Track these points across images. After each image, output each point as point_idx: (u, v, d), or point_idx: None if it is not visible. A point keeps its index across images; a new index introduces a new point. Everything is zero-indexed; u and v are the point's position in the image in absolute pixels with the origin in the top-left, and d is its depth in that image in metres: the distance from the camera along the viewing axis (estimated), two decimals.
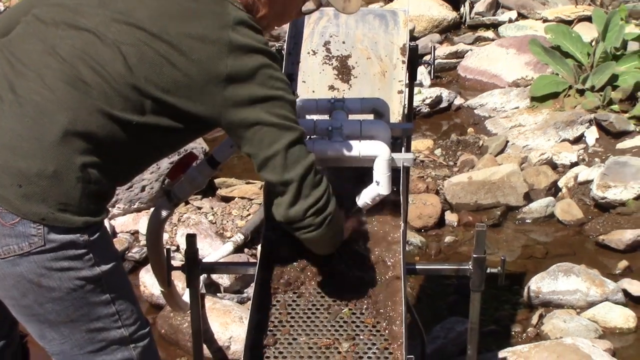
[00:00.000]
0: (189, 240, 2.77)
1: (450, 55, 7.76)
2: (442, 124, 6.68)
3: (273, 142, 2.24)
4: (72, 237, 2.16)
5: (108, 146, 2.19)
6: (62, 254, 2.16)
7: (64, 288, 2.19)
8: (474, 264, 2.72)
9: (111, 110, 2.17)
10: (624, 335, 4.09)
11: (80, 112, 2.14)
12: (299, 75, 3.18)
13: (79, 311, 2.23)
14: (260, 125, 2.23)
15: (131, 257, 4.68)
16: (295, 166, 2.26)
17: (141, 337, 2.39)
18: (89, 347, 2.30)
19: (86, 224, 2.18)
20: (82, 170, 2.14)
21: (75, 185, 2.14)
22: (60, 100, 2.14)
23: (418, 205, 5.07)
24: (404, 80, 3.18)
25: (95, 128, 2.15)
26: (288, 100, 2.27)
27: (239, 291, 4.30)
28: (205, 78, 2.19)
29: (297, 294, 2.55)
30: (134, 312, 2.36)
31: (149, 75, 2.18)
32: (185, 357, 3.97)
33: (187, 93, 2.20)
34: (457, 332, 3.94)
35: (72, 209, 2.15)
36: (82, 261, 2.19)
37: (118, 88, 2.17)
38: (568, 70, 6.57)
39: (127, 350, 2.35)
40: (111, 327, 2.30)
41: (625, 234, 4.79)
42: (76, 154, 2.14)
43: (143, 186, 4.91)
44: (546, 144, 5.88)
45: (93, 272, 2.21)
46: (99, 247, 2.23)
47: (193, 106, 2.22)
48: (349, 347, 2.38)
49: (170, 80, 2.19)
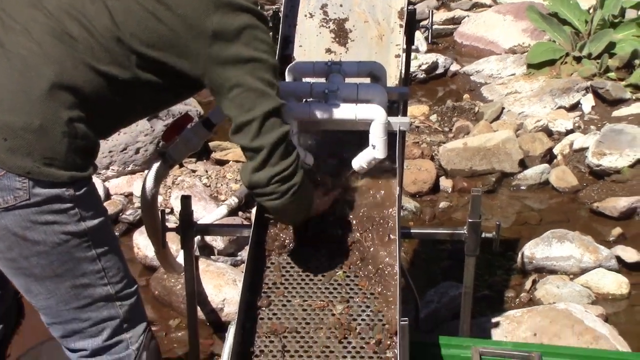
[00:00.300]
0: (183, 201, 2.77)
1: (447, 21, 7.73)
2: (437, 90, 6.67)
3: (251, 108, 2.23)
4: (58, 191, 2.17)
5: (94, 101, 2.19)
6: (47, 207, 2.16)
7: (49, 242, 2.20)
8: (469, 228, 2.72)
9: (97, 65, 2.17)
10: (617, 301, 4.10)
11: (66, 65, 2.14)
12: (296, 38, 3.17)
13: (64, 266, 2.24)
14: (241, 88, 2.22)
15: (125, 219, 4.68)
16: (268, 134, 2.25)
17: (127, 295, 2.40)
18: (74, 303, 2.31)
19: (72, 178, 2.18)
20: (68, 125, 2.14)
21: (61, 140, 2.14)
22: (47, 53, 2.14)
23: (413, 170, 5.06)
24: (401, 45, 3.16)
25: (81, 82, 2.16)
26: (271, 63, 2.27)
27: (232, 254, 4.31)
28: (190, 34, 2.18)
29: (292, 257, 2.55)
30: (120, 270, 2.36)
31: (135, 30, 2.17)
32: (179, 319, 3.98)
33: (172, 49, 2.20)
34: (450, 296, 3.95)
35: (58, 164, 2.15)
36: (68, 215, 2.20)
37: (104, 43, 2.17)
38: (565, 37, 6.55)
39: (114, 308, 2.36)
40: (97, 283, 2.31)
41: (620, 202, 4.79)
42: (63, 108, 2.14)
43: (137, 148, 4.90)
44: (542, 111, 5.87)
45: (79, 227, 2.22)
46: (85, 202, 2.23)
47: (178, 62, 2.22)
48: (342, 309, 2.38)
49: (155, 35, 2.18)
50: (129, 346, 2.43)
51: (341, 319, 2.35)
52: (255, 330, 2.34)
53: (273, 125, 2.25)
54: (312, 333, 2.33)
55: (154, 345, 2.52)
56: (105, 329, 2.37)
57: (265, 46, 2.25)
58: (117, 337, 2.40)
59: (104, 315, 2.36)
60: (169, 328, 3.95)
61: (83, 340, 2.38)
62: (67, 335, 2.38)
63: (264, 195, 2.33)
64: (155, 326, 3.95)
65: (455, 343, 2.84)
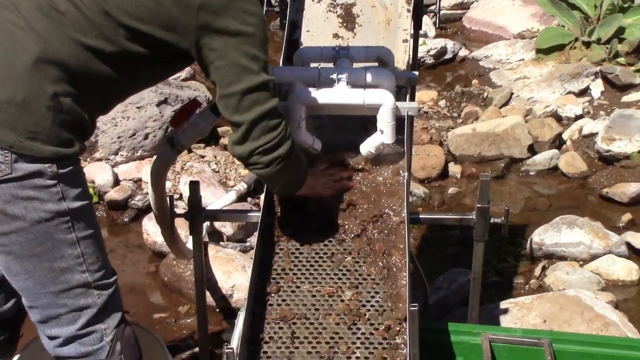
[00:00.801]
0: (192, 187, 2.77)
1: (456, 6, 7.69)
2: (446, 76, 6.64)
3: (232, 83, 2.24)
4: (40, 167, 2.16)
5: (82, 75, 2.19)
6: (28, 182, 2.16)
7: (29, 218, 2.19)
8: (478, 213, 2.72)
9: (84, 39, 2.17)
10: (627, 287, 4.09)
11: (52, 40, 2.14)
12: (303, 23, 3.16)
13: (43, 246, 2.24)
14: (224, 60, 2.22)
15: (134, 205, 4.68)
16: (247, 111, 2.26)
17: (106, 285, 2.38)
18: (51, 287, 2.30)
19: (56, 154, 2.18)
20: (53, 99, 2.14)
21: (46, 114, 2.14)
22: (33, 28, 2.14)
23: (422, 156, 5.05)
24: (408, 29, 3.15)
25: (67, 56, 2.15)
26: (258, 37, 2.25)
27: (241, 240, 4.31)
28: (177, 6, 2.18)
29: (300, 243, 2.54)
30: (99, 259, 2.35)
31: (122, 3, 2.17)
32: (188, 305, 3.98)
33: (159, 21, 2.19)
34: (459, 283, 3.95)
35: (42, 138, 2.15)
36: (49, 193, 2.19)
37: (91, 16, 2.16)
38: (574, 22, 6.51)
39: (91, 297, 2.35)
40: (75, 269, 2.30)
41: (629, 187, 4.78)
42: (48, 82, 2.14)
43: (146, 134, 4.90)
44: (551, 97, 5.85)
45: (60, 206, 2.22)
46: (69, 182, 2.22)
47: (165, 35, 2.21)
48: (351, 295, 2.38)
49: (142, 8, 2.18)
50: (104, 337, 2.41)
51: (350, 305, 2.35)
52: (265, 317, 2.34)
53: (255, 102, 2.26)
54: (321, 319, 2.33)
55: (129, 333, 2.49)
56: (80, 317, 2.36)
57: (254, 19, 2.23)
58: (92, 327, 2.39)
59: (80, 303, 2.34)
60: (179, 314, 3.96)
61: (58, 327, 2.37)
62: (44, 321, 2.37)
63: (248, 165, 2.37)
64: (165, 312, 3.96)
65: (464, 330, 2.83)
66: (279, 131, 2.32)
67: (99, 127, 4.74)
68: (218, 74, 2.25)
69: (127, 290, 4.06)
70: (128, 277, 4.24)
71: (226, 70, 2.23)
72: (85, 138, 2.31)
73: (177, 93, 5.04)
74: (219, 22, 2.19)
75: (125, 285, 4.05)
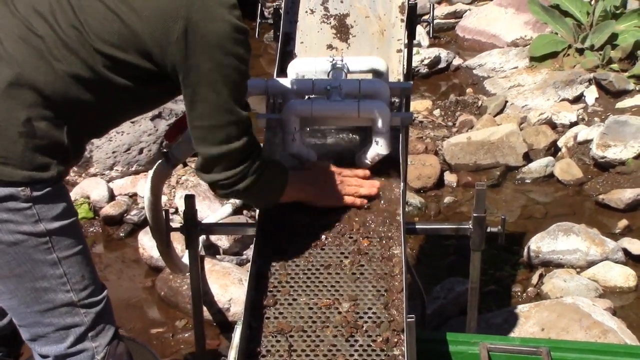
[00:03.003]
0: (187, 201, 2.76)
1: (449, 15, 7.71)
2: (440, 85, 6.65)
3: (201, 116, 2.21)
4: (12, 190, 2.14)
5: (60, 100, 2.16)
6: (2, 206, 2.14)
7: (5, 240, 2.18)
8: (475, 222, 2.71)
9: (61, 65, 2.14)
10: (624, 294, 4.09)
11: (27, 65, 2.12)
12: (297, 34, 3.15)
13: (22, 267, 2.22)
14: (198, 95, 2.19)
15: (130, 220, 4.68)
16: (212, 146, 2.24)
17: (93, 303, 2.36)
18: (35, 307, 2.28)
19: (29, 178, 2.15)
20: (25, 125, 2.12)
21: (17, 140, 2.12)
22: (8, 52, 2.13)
23: (417, 165, 5.05)
24: (402, 39, 3.15)
25: (43, 82, 2.13)
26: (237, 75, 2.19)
27: (238, 253, 4.30)
28: (154, 38, 2.13)
29: (297, 255, 2.53)
30: (85, 278, 2.32)
31: (98, 30, 2.13)
32: (185, 320, 3.97)
33: (135, 50, 2.16)
34: (457, 292, 3.94)
35: (14, 162, 2.13)
36: (24, 215, 2.17)
37: (69, 42, 2.14)
38: (567, 29, 6.53)
39: (78, 316, 2.33)
40: (58, 289, 2.28)
41: (625, 193, 4.78)
42: (20, 107, 2.12)
43: (141, 148, 4.89)
44: (545, 104, 5.85)
45: (36, 228, 2.19)
46: (46, 203, 2.20)
47: (143, 62, 2.18)
48: (349, 307, 2.37)
49: (117, 36, 2.14)
50: (95, 356, 2.39)
51: (348, 317, 2.34)
52: (262, 330, 2.33)
53: (222, 139, 2.23)
54: (318, 332, 2.32)
55: (121, 350, 2.46)
56: (69, 336, 2.34)
57: (231, 59, 2.16)
58: (81, 345, 2.37)
59: (67, 321, 2.32)
60: (176, 329, 3.95)
61: (48, 345, 2.35)
62: (33, 339, 2.36)
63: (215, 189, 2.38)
64: (162, 327, 3.95)
65: (463, 339, 2.82)
66: (241, 169, 2.29)
67: (93, 142, 4.74)
68: (187, 102, 2.21)
69: (124, 305, 4.06)
70: (124, 292, 4.22)
71: (197, 103, 2.20)
72: (68, 161, 2.28)
73: (171, 107, 5.03)
74: (195, 57, 2.14)
75: (121, 300, 4.05)
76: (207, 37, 2.12)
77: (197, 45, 2.13)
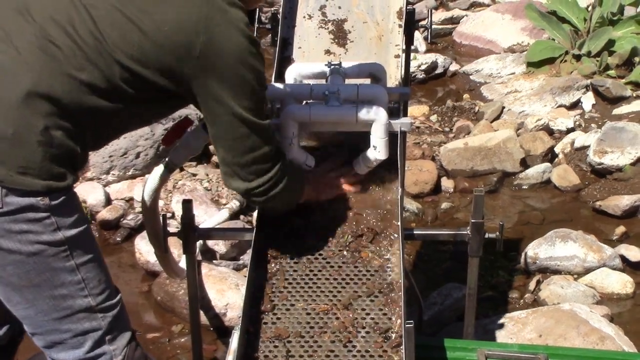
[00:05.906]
0: (185, 205, 2.75)
1: (446, 21, 7.71)
2: (437, 90, 6.65)
3: (227, 131, 2.26)
4: (32, 201, 2.14)
5: (75, 110, 2.16)
6: (21, 216, 2.14)
7: (24, 251, 2.17)
8: (472, 228, 2.71)
9: (78, 74, 2.14)
10: (622, 300, 4.09)
11: (45, 74, 2.11)
12: (295, 39, 3.15)
13: (41, 276, 2.22)
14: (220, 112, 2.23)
15: (126, 224, 4.66)
16: (242, 156, 2.29)
17: (109, 307, 2.36)
18: (53, 314, 2.28)
19: (47, 188, 2.15)
20: (44, 134, 2.11)
21: (36, 149, 2.11)
22: (26, 61, 2.12)
23: (414, 171, 5.05)
24: (400, 45, 3.15)
25: (60, 91, 2.12)
26: (256, 90, 2.24)
27: (235, 258, 4.29)
28: (174, 54, 2.15)
29: (294, 260, 2.53)
30: (101, 282, 2.33)
31: (120, 42, 2.14)
32: (182, 325, 3.96)
33: (156, 66, 2.16)
34: (454, 298, 3.93)
35: (33, 172, 2.12)
36: (43, 225, 2.17)
37: (88, 52, 2.13)
38: (564, 35, 6.53)
39: (95, 320, 2.33)
40: (76, 295, 2.28)
41: (622, 200, 4.78)
42: (38, 117, 2.11)
43: (138, 153, 4.88)
44: (542, 110, 5.85)
45: (55, 236, 2.19)
46: (63, 212, 2.20)
47: (161, 79, 2.19)
48: (347, 312, 2.36)
49: (140, 51, 2.14)
50: (113, 359, 2.39)
51: (345, 322, 2.33)
52: (260, 335, 2.32)
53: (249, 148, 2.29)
54: (316, 337, 2.31)
55: (139, 354, 2.48)
56: (87, 341, 2.34)
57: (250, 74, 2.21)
58: (100, 349, 2.37)
59: (85, 326, 2.32)
60: (172, 334, 3.94)
61: (65, 351, 2.34)
62: (49, 347, 2.35)
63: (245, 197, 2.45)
64: (158, 332, 3.94)
65: (460, 346, 2.82)
66: (271, 175, 2.35)
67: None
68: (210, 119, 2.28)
69: None
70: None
71: (222, 121, 2.25)
72: (77, 170, 2.29)
73: None
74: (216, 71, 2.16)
75: None
76: (228, 51, 2.16)
77: (217, 58, 2.15)
